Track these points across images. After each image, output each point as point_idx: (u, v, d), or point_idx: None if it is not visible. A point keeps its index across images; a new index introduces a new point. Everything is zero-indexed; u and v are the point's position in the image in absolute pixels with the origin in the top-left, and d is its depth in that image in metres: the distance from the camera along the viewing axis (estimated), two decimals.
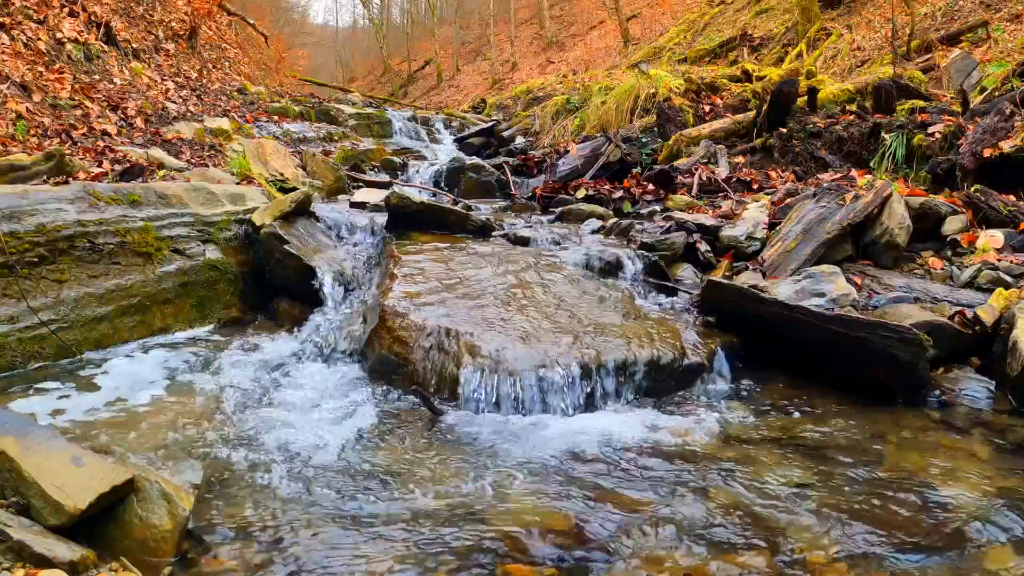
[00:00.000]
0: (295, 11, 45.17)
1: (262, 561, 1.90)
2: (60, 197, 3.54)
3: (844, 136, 5.95)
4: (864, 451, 2.59)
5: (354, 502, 2.22)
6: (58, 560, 1.66)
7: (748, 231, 4.43)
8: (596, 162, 6.91)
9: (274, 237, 4.14)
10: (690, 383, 3.16)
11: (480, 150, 9.69)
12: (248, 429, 2.71)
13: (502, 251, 4.29)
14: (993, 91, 6.27)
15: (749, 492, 2.29)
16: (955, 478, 2.36)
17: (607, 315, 3.45)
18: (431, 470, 2.45)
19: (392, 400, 3.03)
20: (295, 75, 21.25)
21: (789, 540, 2.02)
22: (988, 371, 3.11)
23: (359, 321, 3.66)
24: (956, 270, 3.85)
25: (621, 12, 22.73)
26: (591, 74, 14.64)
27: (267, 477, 2.35)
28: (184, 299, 3.92)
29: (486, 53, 32.56)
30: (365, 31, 47.17)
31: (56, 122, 5.19)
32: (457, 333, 3.09)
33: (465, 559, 1.93)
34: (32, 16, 6.19)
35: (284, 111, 9.26)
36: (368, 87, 35.70)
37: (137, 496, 1.91)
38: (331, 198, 6.03)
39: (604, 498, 2.26)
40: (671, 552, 1.97)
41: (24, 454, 1.86)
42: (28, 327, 3.23)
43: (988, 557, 1.93)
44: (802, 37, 12.91)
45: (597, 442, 2.66)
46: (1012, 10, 9.77)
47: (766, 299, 3.29)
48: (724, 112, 7.71)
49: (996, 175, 4.65)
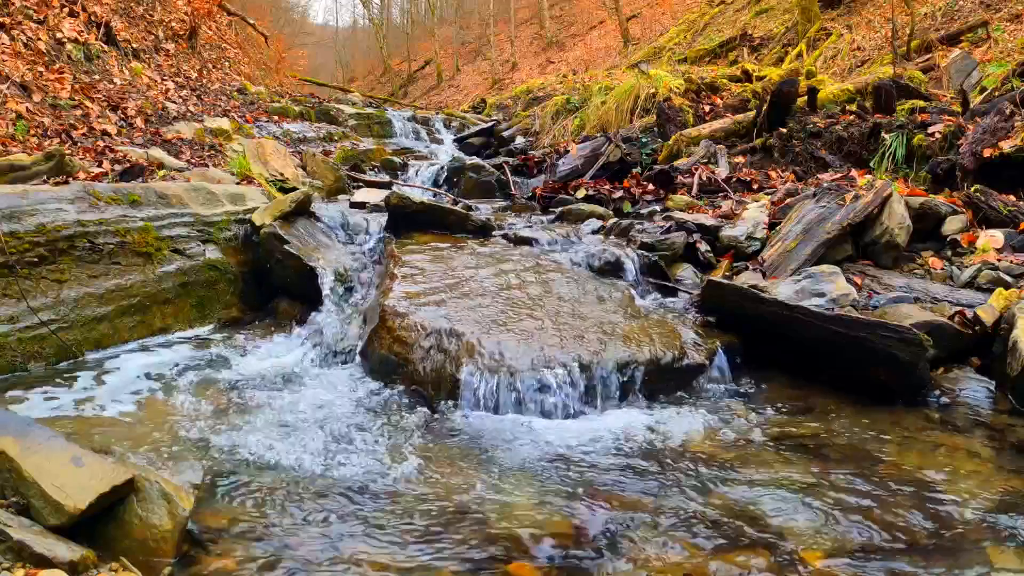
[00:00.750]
0: (295, 11, 45.22)
1: (262, 561, 1.90)
2: (60, 197, 3.54)
3: (844, 136, 5.95)
4: (864, 451, 2.59)
5: (354, 502, 2.22)
6: (58, 560, 1.66)
7: (748, 231, 4.43)
8: (596, 162, 6.91)
9: (274, 237, 4.14)
10: (690, 383, 3.16)
11: (480, 150, 9.69)
12: (248, 429, 2.71)
13: (502, 251, 4.29)
14: (993, 91, 6.27)
15: (749, 492, 2.29)
16: (955, 478, 2.36)
17: (607, 315, 3.45)
18: (431, 470, 2.45)
19: (392, 400, 3.03)
20: (295, 75, 21.25)
21: (789, 540, 2.02)
22: (988, 371, 3.11)
23: (359, 321, 3.66)
24: (956, 270, 3.85)
25: (621, 12, 22.73)
26: (591, 74, 14.64)
27: (267, 477, 2.35)
28: (184, 299, 3.92)
29: (486, 53, 32.56)
30: (365, 31, 47.18)
31: (56, 122, 5.19)
32: (457, 333, 3.09)
33: (466, 558, 1.93)
34: (32, 16, 6.19)
35: (284, 111, 9.26)
36: (368, 87, 35.70)
37: (137, 496, 1.91)
38: (331, 198, 6.02)
39: (604, 498, 2.27)
40: (671, 552, 1.97)
41: (24, 454, 1.86)
42: (28, 327, 3.23)
43: (988, 557, 1.93)
44: (802, 37, 12.91)
45: (597, 442, 2.67)
46: (1012, 10, 9.77)
47: (766, 299, 3.29)
48: (724, 112, 7.71)
49: (996, 175, 4.65)
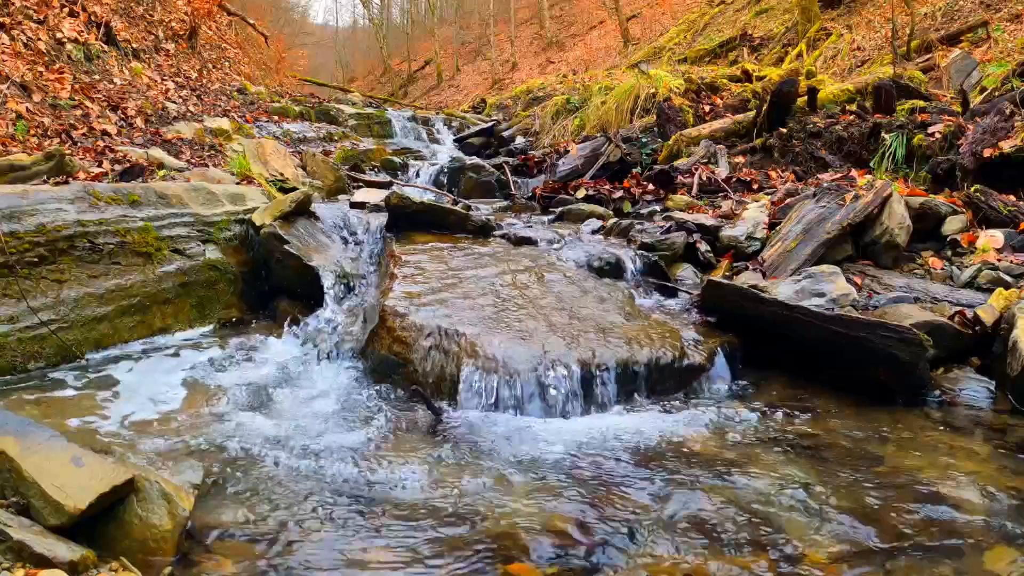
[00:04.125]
0: (295, 11, 45.21)
1: (262, 561, 1.90)
2: (60, 197, 3.54)
3: (844, 136, 5.95)
4: (864, 451, 2.59)
5: (354, 502, 2.22)
6: (58, 560, 1.66)
7: (748, 231, 4.43)
8: (596, 162, 6.91)
9: (274, 237, 4.14)
10: (690, 383, 3.16)
11: (480, 150, 9.69)
12: (248, 429, 2.71)
13: (502, 251, 4.29)
14: (993, 91, 6.27)
15: (749, 492, 2.29)
16: (955, 478, 2.36)
17: (607, 315, 3.45)
18: (431, 470, 2.45)
19: (392, 400, 3.03)
20: (295, 75, 21.25)
21: (789, 540, 2.02)
22: (988, 371, 3.11)
23: (359, 321, 3.66)
24: (956, 270, 3.85)
25: (621, 12, 22.72)
26: (591, 74, 14.64)
27: (267, 477, 2.35)
28: (184, 299, 3.92)
29: (486, 53, 32.55)
30: (365, 31, 47.17)
31: (56, 122, 5.19)
32: (457, 333, 3.08)
33: (466, 558, 1.93)
34: (32, 16, 6.18)
35: (284, 111, 9.26)
36: (368, 87, 35.70)
37: (137, 496, 1.91)
38: (331, 198, 6.02)
39: (604, 498, 2.26)
40: (671, 552, 1.97)
41: (24, 454, 1.86)
42: (28, 327, 3.23)
43: (988, 557, 1.93)
44: (802, 37, 12.91)
45: (597, 442, 2.67)
46: (1012, 10, 9.77)
47: (766, 299, 3.29)
48: (724, 112, 7.71)
49: (996, 175, 4.65)
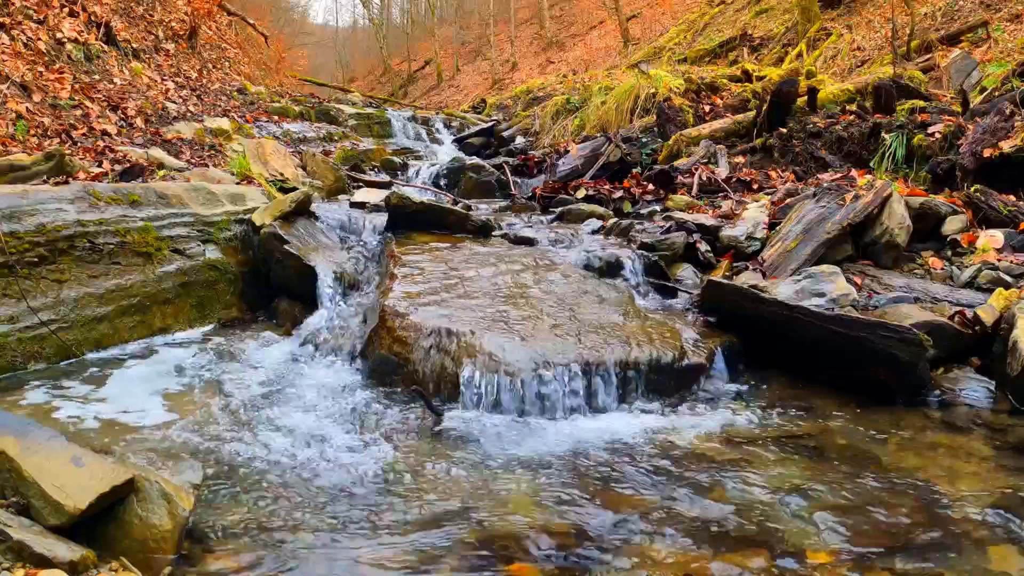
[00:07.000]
0: (295, 11, 45.19)
1: (262, 561, 1.90)
2: (60, 197, 3.54)
3: (844, 136, 5.95)
4: (864, 451, 2.59)
5: (354, 502, 2.22)
6: (58, 560, 1.66)
7: (748, 231, 4.43)
8: (596, 162, 6.91)
9: (274, 237, 4.14)
10: (690, 383, 3.15)
11: (480, 150, 9.69)
12: (248, 429, 2.71)
13: (502, 251, 4.29)
14: (993, 91, 6.27)
15: (749, 492, 2.29)
16: (955, 478, 2.36)
17: (607, 315, 3.45)
18: (432, 470, 2.45)
19: (392, 400, 3.03)
20: (295, 75, 21.24)
21: (789, 540, 2.02)
22: (988, 371, 3.11)
23: (359, 321, 3.66)
24: (956, 270, 3.85)
25: (621, 12, 22.72)
26: (591, 74, 14.64)
27: (267, 477, 2.35)
28: (184, 299, 3.92)
29: (486, 53, 32.55)
30: (365, 31, 47.16)
31: (56, 122, 5.19)
32: (457, 333, 3.08)
33: (467, 558, 1.93)
34: (32, 16, 6.18)
35: (284, 111, 9.25)
36: (368, 87, 35.69)
37: (137, 496, 1.91)
38: (331, 198, 6.02)
39: (604, 497, 2.27)
40: (671, 551, 1.97)
41: (24, 454, 1.85)
42: (28, 327, 3.23)
43: (988, 556, 1.93)
44: (802, 37, 12.91)
45: (597, 442, 2.67)
46: (1012, 10, 9.77)
47: (766, 299, 3.29)
48: (724, 112, 7.71)
49: (996, 175, 4.65)
